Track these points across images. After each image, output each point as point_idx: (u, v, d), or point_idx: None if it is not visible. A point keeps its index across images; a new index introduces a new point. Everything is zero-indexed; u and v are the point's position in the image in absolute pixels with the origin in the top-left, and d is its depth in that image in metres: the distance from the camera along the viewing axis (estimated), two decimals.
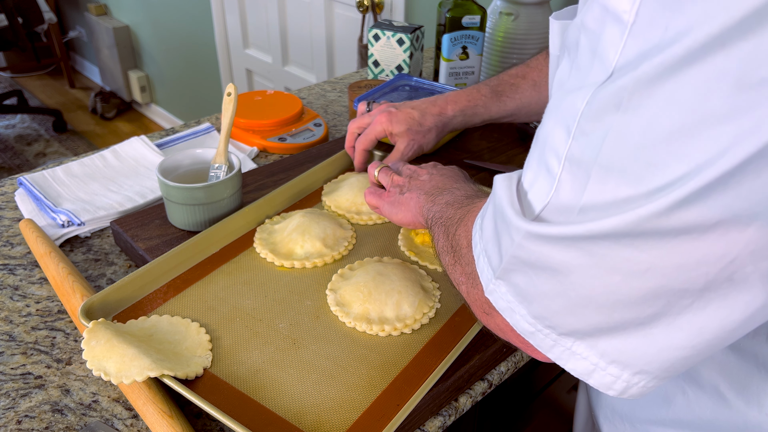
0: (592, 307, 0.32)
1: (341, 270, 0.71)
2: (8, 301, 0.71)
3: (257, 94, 1.12)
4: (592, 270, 0.30)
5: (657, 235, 0.28)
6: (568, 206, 0.31)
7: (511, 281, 0.35)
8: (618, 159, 0.29)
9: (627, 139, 0.28)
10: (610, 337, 0.32)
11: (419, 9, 1.74)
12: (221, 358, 0.60)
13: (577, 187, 0.30)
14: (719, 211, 0.26)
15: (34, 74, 4.02)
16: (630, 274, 0.29)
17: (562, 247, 0.31)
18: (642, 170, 0.28)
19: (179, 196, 0.75)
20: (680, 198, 0.27)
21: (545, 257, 0.32)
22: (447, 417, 0.60)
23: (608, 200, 0.29)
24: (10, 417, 0.57)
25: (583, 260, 0.30)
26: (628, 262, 0.29)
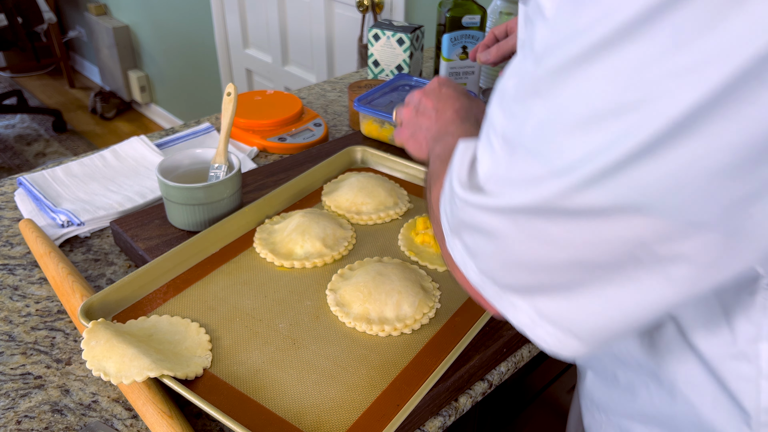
0: (522, 268, 0.35)
1: (341, 270, 0.71)
2: (8, 301, 0.70)
3: (257, 94, 1.12)
4: (518, 237, 0.34)
5: (564, 213, 0.31)
6: (502, 179, 0.35)
7: (462, 239, 0.39)
8: (534, 141, 0.32)
9: (542, 123, 0.31)
10: (541, 296, 0.36)
11: (419, 9, 1.74)
12: (221, 358, 0.60)
13: (508, 163, 0.34)
14: (613, 197, 0.29)
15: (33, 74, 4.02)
16: (547, 244, 0.33)
17: (493, 215, 0.35)
18: (550, 153, 0.31)
19: (179, 196, 0.75)
20: (578, 181, 0.30)
21: (481, 222, 0.36)
22: (447, 417, 0.60)
23: (526, 177, 0.33)
24: (10, 417, 0.57)
25: (510, 228, 0.34)
26: (544, 234, 0.33)
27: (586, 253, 0.32)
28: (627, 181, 0.29)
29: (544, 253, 0.33)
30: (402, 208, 0.83)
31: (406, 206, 0.84)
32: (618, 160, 0.28)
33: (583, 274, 0.33)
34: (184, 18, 2.76)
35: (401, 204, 0.84)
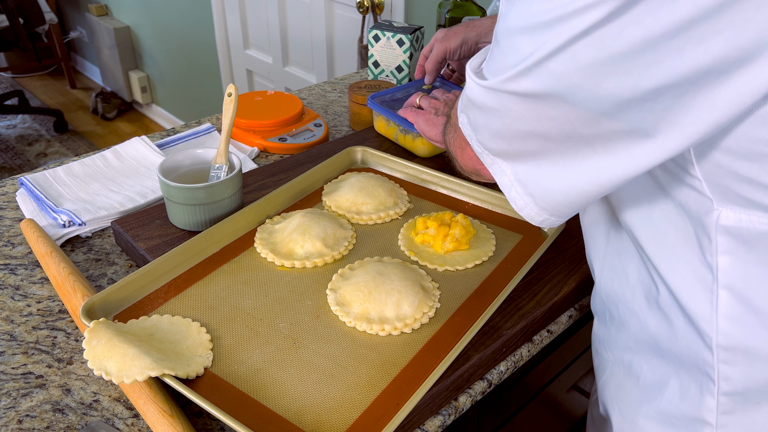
0: (501, 137, 0.47)
1: (341, 270, 0.71)
2: (9, 301, 0.71)
3: (258, 95, 1.13)
4: (496, 110, 0.45)
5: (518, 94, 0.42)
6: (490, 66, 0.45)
7: (467, 114, 0.51)
8: (503, 38, 0.42)
9: (508, 24, 0.41)
10: (517, 162, 0.48)
11: (419, 9, 1.74)
12: (222, 357, 0.60)
13: (491, 55, 0.45)
14: (542, 85, 0.39)
15: (35, 74, 4.02)
16: (513, 118, 0.44)
17: (482, 92, 0.45)
18: (508, 48, 0.42)
19: (180, 196, 0.75)
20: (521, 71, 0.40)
21: (476, 98, 0.47)
22: (447, 416, 0.61)
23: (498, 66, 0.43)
24: (11, 416, 0.57)
25: (492, 103, 0.45)
26: (509, 110, 0.43)
27: (537, 127, 0.43)
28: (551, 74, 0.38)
29: (512, 124, 0.44)
30: (402, 208, 0.83)
31: (406, 206, 0.84)
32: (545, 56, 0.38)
33: (539, 144, 0.44)
34: (184, 19, 2.77)
35: (401, 204, 0.84)
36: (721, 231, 0.44)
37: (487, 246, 0.76)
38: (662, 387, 0.54)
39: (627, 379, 0.59)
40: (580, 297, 0.75)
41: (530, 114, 0.42)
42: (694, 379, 0.50)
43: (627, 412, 0.59)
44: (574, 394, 1.03)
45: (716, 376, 0.48)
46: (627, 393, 0.59)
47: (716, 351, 0.47)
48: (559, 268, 0.74)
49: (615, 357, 0.61)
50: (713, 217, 0.44)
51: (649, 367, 0.55)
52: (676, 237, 0.48)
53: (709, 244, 0.45)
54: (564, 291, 0.71)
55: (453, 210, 0.84)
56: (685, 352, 0.50)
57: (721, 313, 0.46)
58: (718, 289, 0.45)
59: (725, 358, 0.47)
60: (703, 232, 0.45)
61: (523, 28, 0.39)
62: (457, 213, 0.81)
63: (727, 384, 0.47)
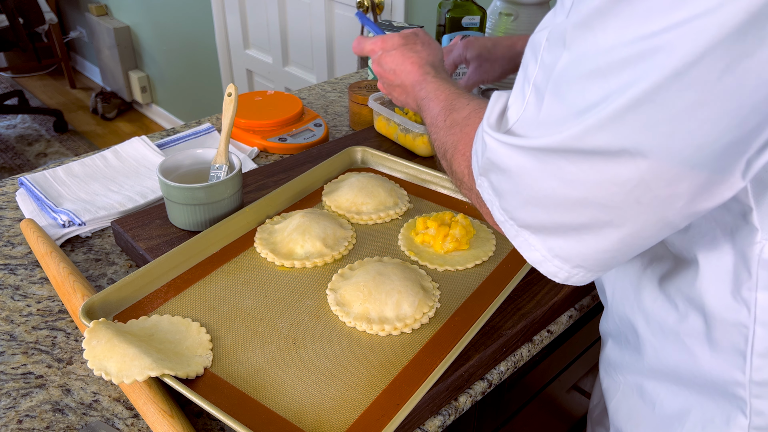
0: (538, 206, 0.40)
1: (341, 270, 0.71)
2: (9, 301, 0.71)
3: (257, 95, 1.13)
4: (537, 174, 0.38)
5: (577, 153, 0.35)
6: (528, 122, 0.39)
7: (489, 178, 0.44)
8: (557, 86, 0.36)
9: (567, 71, 0.35)
10: (554, 236, 0.41)
11: (419, 9, 1.74)
12: (222, 357, 0.60)
13: (536, 109, 0.38)
14: (620, 139, 0.33)
15: (35, 74, 4.02)
16: (563, 182, 0.37)
17: (516, 153, 0.39)
18: (569, 97, 0.35)
19: (180, 196, 0.75)
20: (591, 124, 0.34)
21: (505, 161, 0.40)
22: (447, 416, 0.61)
23: (549, 120, 0.37)
24: (11, 416, 0.57)
25: (530, 166, 0.38)
26: (562, 171, 0.37)
27: (595, 193, 0.36)
28: (631, 125, 0.33)
29: (559, 190, 0.38)
30: (402, 208, 0.83)
31: (406, 206, 0.84)
32: (625, 105, 0.32)
33: (591, 214, 0.38)
34: (184, 19, 2.77)
35: (401, 204, 0.84)
36: (764, 265, 0.41)
37: (487, 246, 0.76)
38: (683, 417, 0.51)
39: (641, 406, 0.56)
40: (580, 297, 0.75)
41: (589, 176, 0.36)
42: (720, 410, 0.48)
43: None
44: (574, 394, 1.03)
45: (748, 410, 0.46)
46: (642, 420, 0.56)
47: (749, 386, 0.45)
48: None
49: (627, 381, 0.59)
50: (756, 249, 0.41)
51: (667, 395, 0.53)
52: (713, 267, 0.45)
53: (748, 277, 0.42)
54: (564, 291, 0.71)
55: (453, 210, 0.84)
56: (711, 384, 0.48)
57: (757, 351, 0.44)
58: (755, 326, 0.43)
59: (758, 393, 0.45)
60: (743, 264, 0.43)
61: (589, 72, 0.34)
62: (457, 213, 0.81)
63: (760, 419, 0.46)
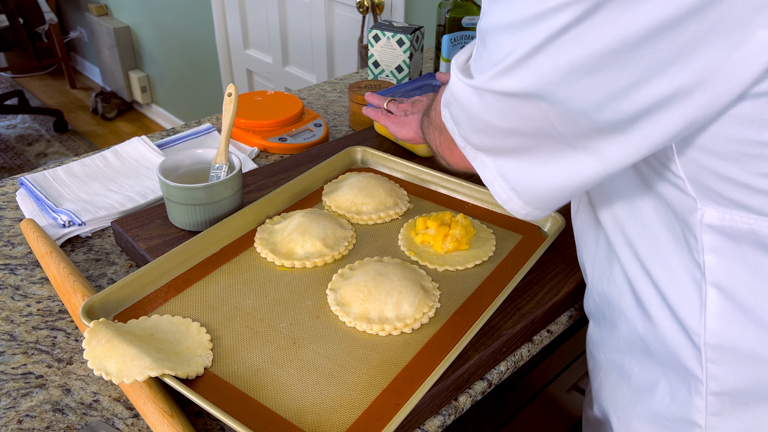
0: (483, 132, 0.48)
1: (341, 270, 0.71)
2: (9, 301, 0.71)
3: (257, 95, 1.13)
4: (479, 107, 0.45)
5: (499, 92, 0.42)
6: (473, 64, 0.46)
7: (449, 110, 0.52)
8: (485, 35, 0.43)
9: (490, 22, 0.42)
10: (500, 157, 0.49)
11: (419, 9, 1.74)
12: (222, 357, 0.60)
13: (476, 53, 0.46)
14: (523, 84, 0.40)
15: (35, 74, 4.02)
16: (495, 114, 0.44)
17: (466, 89, 0.46)
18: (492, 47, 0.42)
19: (180, 196, 0.75)
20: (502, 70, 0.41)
21: (460, 95, 0.47)
22: (447, 416, 0.61)
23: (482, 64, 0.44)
24: (11, 416, 0.57)
25: (474, 100, 0.45)
26: (493, 107, 0.44)
27: (519, 125, 0.44)
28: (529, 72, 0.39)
29: (494, 121, 0.45)
30: (402, 208, 0.83)
31: (406, 206, 0.84)
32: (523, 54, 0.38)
33: (520, 141, 0.45)
34: (184, 19, 2.77)
35: (401, 204, 0.84)
36: (705, 229, 0.44)
37: (487, 246, 0.76)
38: (653, 388, 0.54)
39: (620, 381, 0.59)
40: (580, 297, 0.75)
41: (512, 112, 0.43)
42: (682, 380, 0.50)
43: (622, 414, 0.59)
44: (574, 394, 1.03)
45: (704, 375, 0.48)
46: (621, 395, 0.59)
47: (704, 350, 0.47)
48: (559, 268, 0.74)
49: (608, 358, 0.61)
50: (697, 216, 0.44)
51: (639, 369, 0.55)
52: (665, 235, 0.48)
53: (695, 242, 0.45)
54: (564, 291, 0.71)
55: (453, 210, 0.84)
56: (673, 353, 0.50)
57: (710, 311, 0.46)
58: (706, 287, 0.46)
59: (713, 357, 0.47)
60: (689, 231, 0.46)
61: (505, 25, 0.40)
62: (457, 213, 0.81)
63: (715, 384, 0.47)
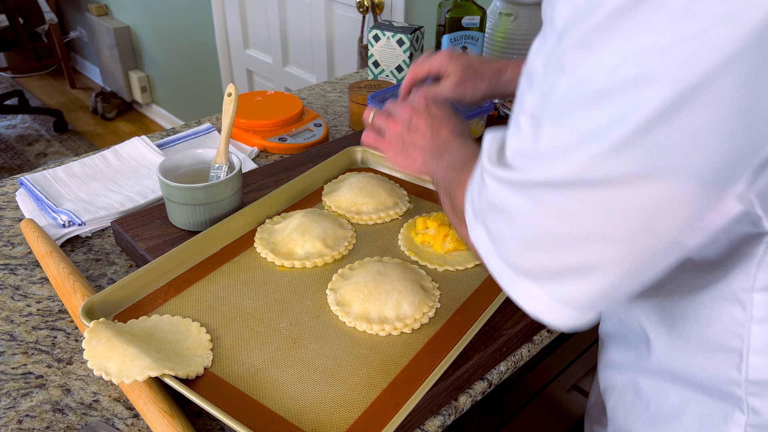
0: (539, 249, 0.37)
1: (341, 270, 0.71)
2: (9, 301, 0.71)
3: (257, 95, 1.13)
4: (537, 215, 0.35)
5: (584, 184, 0.32)
6: (527, 154, 0.36)
7: (486, 224, 0.41)
8: (558, 112, 0.33)
9: (566, 95, 0.33)
10: (557, 280, 0.37)
11: (419, 9, 1.74)
12: (222, 357, 0.60)
13: (534, 138, 0.35)
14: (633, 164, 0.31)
15: (34, 74, 4.02)
16: (566, 221, 0.34)
17: (515, 191, 0.36)
18: (573, 123, 0.32)
19: (180, 196, 0.75)
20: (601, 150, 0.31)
21: (505, 200, 0.37)
22: (447, 416, 0.61)
23: (551, 150, 0.34)
24: (11, 416, 0.57)
25: (529, 205, 0.35)
26: (563, 210, 0.34)
27: (602, 226, 0.33)
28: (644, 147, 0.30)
29: (561, 227, 0.34)
30: (402, 208, 0.83)
31: (406, 206, 0.84)
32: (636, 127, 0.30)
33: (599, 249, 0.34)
34: (184, 19, 2.77)
35: (401, 204, 0.84)
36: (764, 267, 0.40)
37: None
38: (679, 413, 0.51)
39: (637, 403, 0.56)
40: None
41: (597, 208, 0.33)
42: (717, 407, 0.47)
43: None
44: (574, 394, 1.03)
45: (745, 407, 0.45)
46: (638, 417, 0.56)
47: (745, 385, 0.45)
48: None
49: (624, 379, 0.58)
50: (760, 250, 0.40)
51: (662, 393, 0.52)
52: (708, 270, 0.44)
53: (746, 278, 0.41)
54: None
55: None
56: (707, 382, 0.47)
57: (753, 349, 0.43)
58: (750, 325, 0.43)
59: (754, 391, 0.45)
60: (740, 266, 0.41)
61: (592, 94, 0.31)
62: None
63: (757, 417, 0.45)
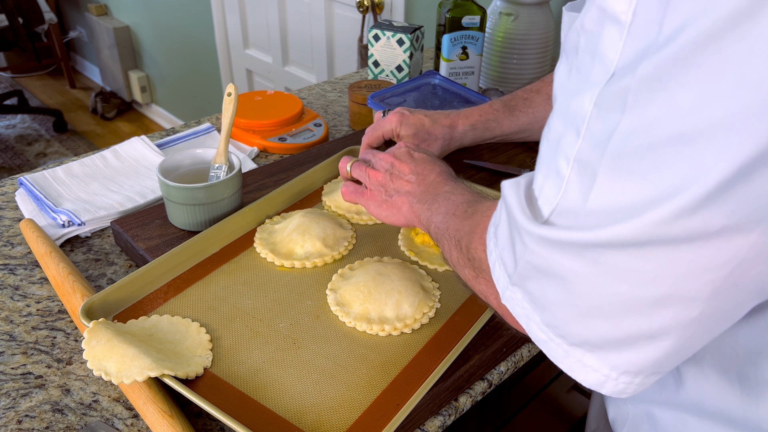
0: (600, 316, 0.31)
1: (341, 270, 0.71)
2: (9, 301, 0.71)
3: (257, 94, 1.13)
4: (599, 278, 0.30)
5: (662, 242, 0.27)
6: (576, 209, 0.30)
7: (526, 288, 0.35)
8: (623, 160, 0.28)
9: (632, 139, 0.27)
10: (620, 350, 0.32)
11: (419, 9, 1.74)
12: (221, 357, 0.60)
13: (585, 189, 0.30)
14: (723, 217, 0.26)
15: (34, 74, 4.02)
16: (636, 284, 0.29)
17: (569, 253, 0.31)
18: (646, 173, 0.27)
19: (179, 196, 0.75)
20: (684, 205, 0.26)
21: (554, 263, 0.32)
22: (447, 417, 0.60)
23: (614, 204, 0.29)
24: (11, 417, 0.57)
25: (589, 268, 0.30)
26: (634, 272, 0.29)
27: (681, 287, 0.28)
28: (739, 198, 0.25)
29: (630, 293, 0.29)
30: None
31: None
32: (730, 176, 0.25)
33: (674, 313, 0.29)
34: (184, 18, 2.77)
35: None
36: None
37: None
38: None
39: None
40: None
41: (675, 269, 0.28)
42: None
43: None
44: (574, 394, 1.03)
45: None
46: None
47: None
48: None
49: (637, 410, 0.53)
50: None
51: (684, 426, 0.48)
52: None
53: None
54: None
55: None
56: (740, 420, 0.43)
57: None
58: None
59: None
60: None
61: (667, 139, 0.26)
62: None
63: None
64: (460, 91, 1.05)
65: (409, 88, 1.03)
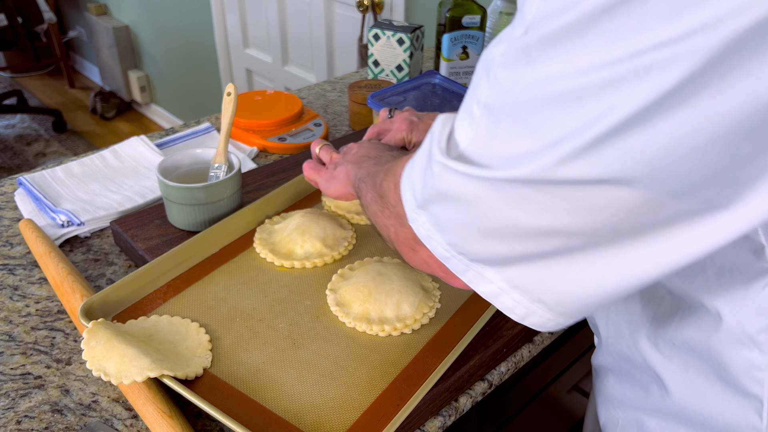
0: (497, 237, 0.35)
1: (341, 270, 0.71)
2: (8, 301, 0.70)
3: (257, 94, 1.12)
4: (497, 204, 0.34)
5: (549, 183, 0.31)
6: (482, 151, 0.34)
7: (430, 211, 0.39)
8: (520, 109, 0.31)
9: (531, 92, 0.30)
10: (513, 266, 0.36)
11: (419, 9, 1.74)
12: (221, 358, 0.60)
13: (490, 134, 0.33)
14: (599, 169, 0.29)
15: (33, 74, 4.01)
16: (528, 211, 0.33)
17: (474, 183, 0.34)
18: (538, 123, 0.30)
19: (179, 196, 0.75)
20: (566, 153, 0.30)
21: (459, 190, 0.35)
22: (447, 417, 0.60)
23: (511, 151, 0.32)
24: (10, 417, 0.57)
25: (490, 194, 0.34)
26: (527, 201, 0.32)
27: (565, 221, 0.32)
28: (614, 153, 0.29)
29: (523, 219, 0.33)
30: None
31: None
32: (605, 132, 0.28)
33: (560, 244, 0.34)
34: (184, 18, 2.76)
35: None
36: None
37: None
38: None
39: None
40: None
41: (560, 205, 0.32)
42: None
43: None
44: (574, 394, 1.03)
45: None
46: None
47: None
48: None
49: (627, 416, 0.55)
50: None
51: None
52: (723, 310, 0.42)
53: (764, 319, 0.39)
54: None
55: None
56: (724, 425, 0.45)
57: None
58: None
59: None
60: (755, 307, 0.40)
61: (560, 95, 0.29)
62: None
63: None
64: (460, 90, 1.05)
65: (409, 88, 1.03)
